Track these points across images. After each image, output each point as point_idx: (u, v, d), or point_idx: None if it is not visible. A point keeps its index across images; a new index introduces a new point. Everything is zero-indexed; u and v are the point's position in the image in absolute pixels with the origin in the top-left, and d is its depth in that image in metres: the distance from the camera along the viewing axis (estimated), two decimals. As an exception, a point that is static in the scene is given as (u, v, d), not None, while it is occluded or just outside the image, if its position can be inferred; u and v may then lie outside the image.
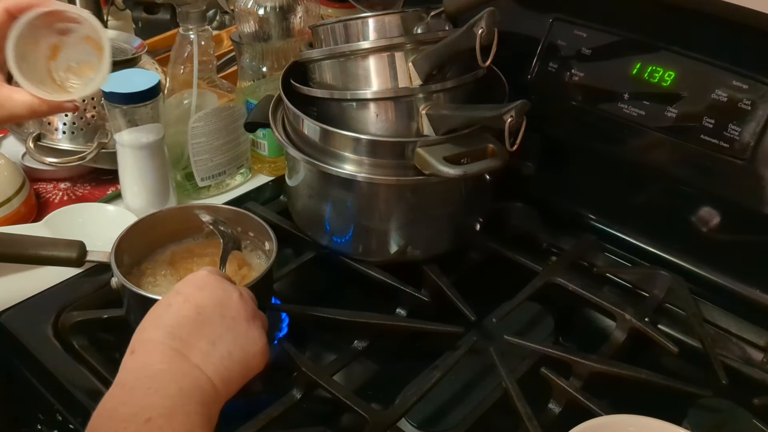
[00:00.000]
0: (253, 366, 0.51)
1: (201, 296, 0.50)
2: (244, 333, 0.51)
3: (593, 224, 0.83)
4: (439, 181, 0.67)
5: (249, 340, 0.51)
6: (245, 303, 0.52)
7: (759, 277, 0.72)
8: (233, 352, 0.49)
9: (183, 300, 0.50)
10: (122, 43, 0.97)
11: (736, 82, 0.69)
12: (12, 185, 0.83)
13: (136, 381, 0.45)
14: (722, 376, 0.66)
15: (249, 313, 0.52)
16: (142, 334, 0.49)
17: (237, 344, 0.50)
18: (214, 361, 0.48)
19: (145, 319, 0.50)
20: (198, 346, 0.48)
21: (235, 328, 0.50)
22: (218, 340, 0.49)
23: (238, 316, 0.51)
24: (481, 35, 0.61)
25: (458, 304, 0.71)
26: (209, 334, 0.49)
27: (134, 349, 0.48)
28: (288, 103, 0.73)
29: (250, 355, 0.50)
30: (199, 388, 0.46)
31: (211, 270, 0.54)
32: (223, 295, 0.51)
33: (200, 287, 0.51)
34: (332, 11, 1.10)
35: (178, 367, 0.46)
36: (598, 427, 0.52)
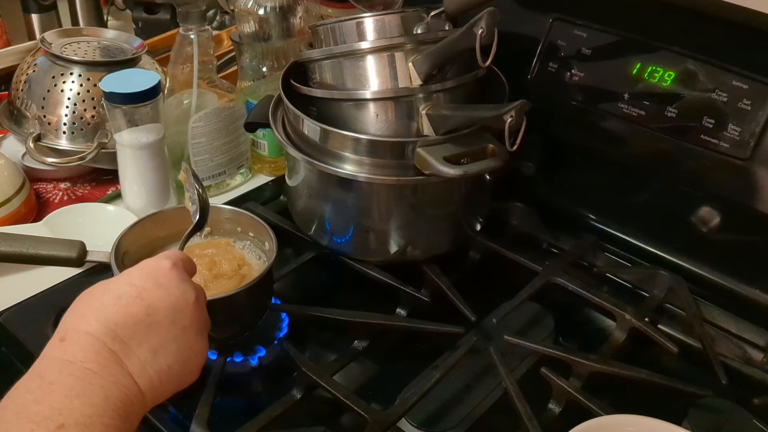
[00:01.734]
0: (186, 381, 0.48)
1: (156, 295, 0.45)
2: (189, 346, 0.47)
3: (593, 224, 0.83)
4: (439, 181, 0.67)
5: (192, 354, 0.47)
6: (200, 310, 0.48)
7: (759, 277, 0.72)
8: (173, 366, 0.45)
9: (135, 295, 0.45)
10: (122, 43, 0.97)
11: (736, 82, 0.69)
12: (12, 185, 0.83)
13: (58, 376, 0.40)
14: (722, 376, 0.66)
15: (201, 323, 0.48)
16: (78, 321, 0.43)
17: (179, 358, 0.46)
18: (150, 373, 0.44)
19: (82, 300, 0.45)
20: (138, 352, 0.44)
21: (183, 338, 0.46)
22: (161, 350, 0.45)
23: (190, 326, 0.47)
24: (481, 35, 0.61)
25: (458, 304, 0.71)
26: (154, 341, 0.44)
27: (65, 336, 0.43)
28: (288, 103, 0.73)
29: (187, 371, 0.47)
30: (125, 400, 0.42)
31: (176, 262, 0.49)
32: (180, 299, 0.46)
33: (158, 284, 0.46)
34: (332, 11, 1.10)
35: (109, 372, 0.42)
36: (598, 427, 0.52)
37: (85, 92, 0.89)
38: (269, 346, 0.68)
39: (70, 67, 0.89)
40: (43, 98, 0.89)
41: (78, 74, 0.89)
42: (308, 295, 0.78)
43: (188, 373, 0.48)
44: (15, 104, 0.92)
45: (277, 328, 0.70)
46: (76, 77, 0.89)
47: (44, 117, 0.89)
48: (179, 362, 0.46)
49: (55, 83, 0.89)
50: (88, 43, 0.94)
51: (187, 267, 0.51)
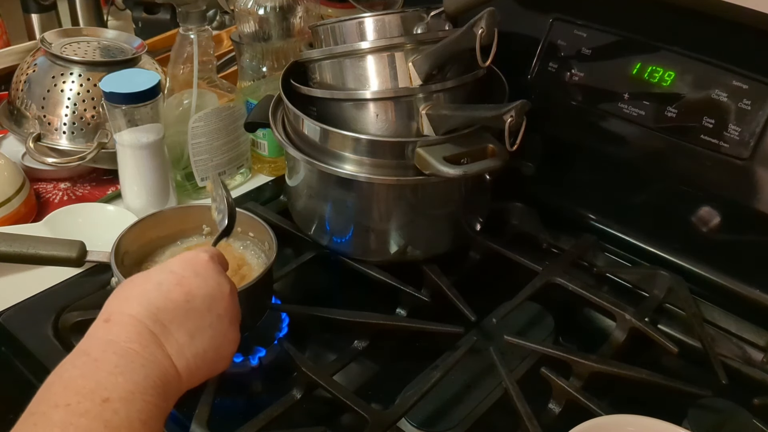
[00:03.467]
0: (219, 367, 0.50)
1: (195, 283, 0.48)
2: (223, 333, 0.49)
3: (593, 224, 0.83)
4: (439, 181, 0.67)
5: (226, 341, 0.50)
6: (233, 301, 0.51)
7: (759, 277, 0.72)
8: (208, 351, 0.48)
9: (176, 282, 0.48)
10: (122, 43, 0.97)
11: (736, 82, 0.69)
12: (12, 185, 0.83)
13: (102, 354, 0.43)
14: (722, 376, 0.66)
15: (233, 313, 0.51)
16: (122, 305, 0.46)
17: (214, 344, 0.48)
18: (187, 356, 0.46)
19: (127, 287, 0.48)
20: (177, 336, 0.46)
21: (218, 325, 0.49)
22: (198, 335, 0.47)
23: (224, 314, 0.50)
24: (481, 35, 0.61)
25: (458, 304, 0.71)
26: (191, 326, 0.47)
27: (109, 318, 0.45)
28: (288, 103, 0.73)
29: (221, 356, 0.50)
30: (164, 379, 0.44)
31: (213, 255, 0.52)
32: (216, 289, 0.49)
33: (197, 273, 0.49)
34: (332, 11, 1.10)
35: (150, 352, 0.44)
36: (598, 427, 0.52)
37: (85, 92, 0.89)
38: (269, 346, 0.68)
39: (70, 67, 0.89)
40: (43, 98, 0.89)
41: (78, 74, 0.89)
42: (308, 295, 0.78)
43: (221, 359, 0.50)
44: (15, 104, 0.92)
45: (277, 328, 0.70)
46: (76, 77, 0.89)
47: (44, 117, 0.89)
48: (213, 348, 0.48)
49: (55, 83, 0.89)
50: (88, 43, 0.94)
51: (222, 262, 0.53)
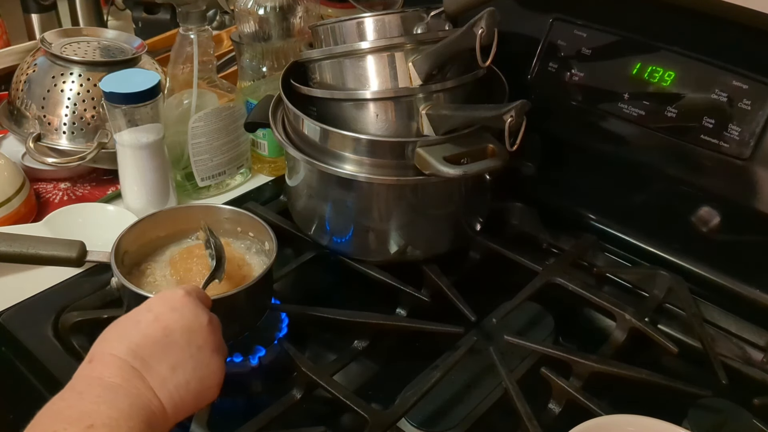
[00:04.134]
0: (206, 398, 0.51)
1: (172, 318, 0.49)
2: (206, 364, 0.50)
3: (593, 224, 0.83)
4: (439, 181, 0.67)
5: (209, 371, 0.50)
6: (213, 332, 0.52)
7: (759, 277, 0.72)
8: (191, 382, 0.49)
9: (153, 319, 0.49)
10: (122, 43, 0.97)
11: (736, 82, 0.69)
12: (12, 185, 0.83)
13: (87, 387, 0.45)
14: (722, 376, 0.66)
15: (215, 343, 0.51)
16: (103, 345, 0.48)
17: (196, 375, 0.49)
18: (170, 388, 0.47)
19: (109, 329, 0.50)
20: (158, 369, 0.47)
21: (198, 356, 0.50)
22: (179, 367, 0.48)
23: (204, 345, 0.50)
24: (481, 35, 0.61)
25: (458, 304, 0.71)
26: (172, 359, 0.48)
27: (93, 358, 0.47)
28: (288, 103, 0.73)
29: (206, 387, 0.50)
30: (148, 410, 0.45)
31: (189, 290, 0.53)
32: (194, 321, 0.50)
33: (173, 308, 0.50)
34: (332, 11, 1.10)
35: (133, 385, 0.46)
36: (598, 427, 0.52)
37: (85, 92, 0.89)
38: (269, 346, 0.68)
39: (70, 67, 0.89)
40: (43, 98, 0.89)
41: (78, 74, 0.89)
42: (308, 295, 0.78)
43: (206, 389, 0.50)
44: (15, 104, 0.92)
45: (277, 328, 0.70)
46: (76, 77, 0.89)
47: (44, 117, 0.89)
48: (196, 378, 0.49)
49: (55, 83, 0.89)
50: (88, 43, 0.94)
51: (200, 296, 0.54)
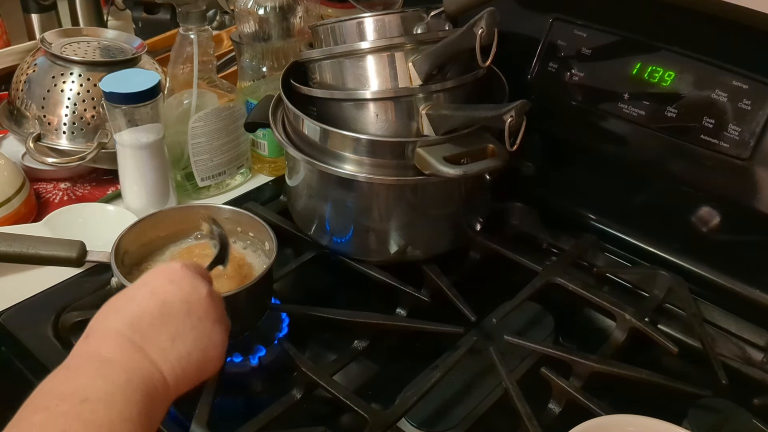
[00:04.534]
0: (208, 369, 0.49)
1: (169, 290, 0.48)
2: (207, 335, 0.49)
3: (593, 224, 0.83)
4: (439, 181, 0.67)
5: (210, 342, 0.49)
6: (214, 303, 0.50)
7: (759, 277, 0.72)
8: (192, 353, 0.47)
9: (150, 292, 0.48)
10: (122, 43, 0.97)
11: (736, 82, 0.69)
12: (12, 185, 0.83)
13: (83, 363, 0.44)
14: (722, 376, 0.66)
15: (216, 314, 0.50)
16: (100, 322, 0.47)
17: (198, 345, 0.48)
18: (171, 359, 0.46)
19: (105, 306, 0.48)
20: (157, 341, 0.46)
21: (200, 327, 0.48)
22: (179, 338, 0.47)
23: (205, 316, 0.49)
24: (481, 35, 0.61)
25: (458, 304, 0.71)
26: (171, 330, 0.47)
27: (89, 335, 0.46)
28: (288, 103, 0.73)
29: (208, 358, 0.49)
30: (149, 381, 0.44)
31: (187, 263, 0.51)
32: (192, 292, 0.49)
33: (171, 280, 0.49)
34: (332, 11, 1.10)
35: (131, 358, 0.44)
36: (598, 427, 0.52)
37: (85, 92, 0.89)
38: (269, 346, 0.68)
39: (70, 67, 0.89)
40: (43, 98, 0.89)
41: (78, 74, 0.89)
42: (308, 295, 0.78)
43: (208, 361, 0.49)
44: (15, 104, 0.92)
45: (277, 328, 0.70)
46: (76, 77, 0.89)
47: (44, 117, 0.89)
48: (198, 349, 0.48)
49: (55, 83, 0.89)
50: (88, 43, 0.94)
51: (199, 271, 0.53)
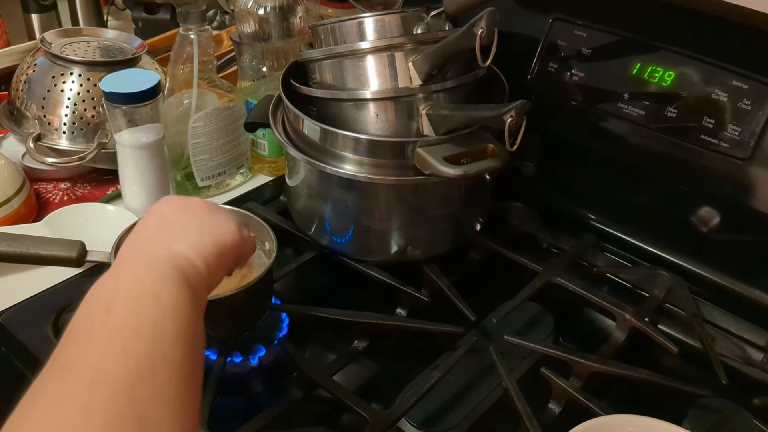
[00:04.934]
0: (227, 242, 0.49)
1: (161, 208, 0.50)
2: (207, 220, 0.50)
3: (593, 224, 0.83)
4: (439, 181, 0.67)
5: (214, 222, 0.50)
6: (207, 203, 0.52)
7: (759, 277, 0.72)
8: (202, 232, 0.48)
9: (159, 216, 0.50)
10: (122, 43, 0.97)
11: (736, 82, 0.69)
12: (12, 185, 0.83)
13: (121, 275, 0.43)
14: (722, 376, 0.66)
15: (211, 207, 0.52)
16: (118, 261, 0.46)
17: (204, 228, 0.49)
18: (184, 242, 0.47)
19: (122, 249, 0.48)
20: (165, 241, 0.47)
21: (198, 216, 0.50)
22: (185, 230, 0.48)
23: (199, 210, 0.51)
24: (481, 35, 0.61)
25: (458, 304, 0.71)
26: (174, 229, 0.48)
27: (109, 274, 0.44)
28: (288, 103, 0.73)
29: (219, 232, 0.49)
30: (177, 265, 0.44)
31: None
32: (183, 201, 0.51)
33: (160, 203, 0.51)
34: (332, 11, 1.10)
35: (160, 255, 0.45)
36: (598, 427, 0.52)
37: (85, 92, 0.89)
38: (269, 346, 0.68)
39: (70, 67, 0.89)
40: (43, 98, 0.89)
41: (78, 74, 0.89)
42: (308, 295, 0.78)
43: (221, 234, 0.49)
44: (15, 104, 0.92)
45: (277, 328, 0.70)
46: (76, 77, 0.89)
47: (44, 117, 0.89)
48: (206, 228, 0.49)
49: (55, 83, 0.89)
50: (88, 43, 0.94)
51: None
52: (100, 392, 0.34)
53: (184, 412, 0.36)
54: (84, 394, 0.34)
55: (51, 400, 0.34)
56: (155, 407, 0.35)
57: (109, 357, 0.36)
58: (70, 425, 0.32)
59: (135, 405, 0.34)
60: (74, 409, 0.33)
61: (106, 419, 0.33)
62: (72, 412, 0.33)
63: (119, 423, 0.33)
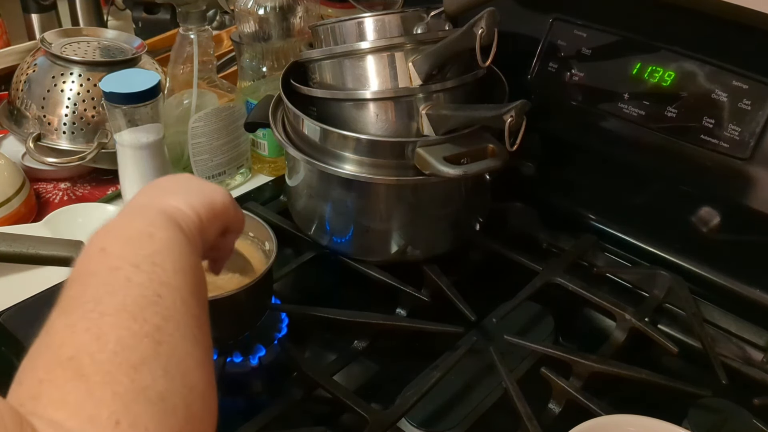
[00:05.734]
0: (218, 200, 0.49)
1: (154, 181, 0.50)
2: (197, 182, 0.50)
3: (593, 224, 0.83)
4: (439, 181, 0.67)
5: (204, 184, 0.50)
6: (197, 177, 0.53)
7: (759, 277, 0.72)
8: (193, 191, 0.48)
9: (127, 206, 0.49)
10: (122, 43, 0.97)
11: (736, 82, 0.69)
12: (12, 185, 0.83)
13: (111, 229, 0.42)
14: (722, 376, 0.66)
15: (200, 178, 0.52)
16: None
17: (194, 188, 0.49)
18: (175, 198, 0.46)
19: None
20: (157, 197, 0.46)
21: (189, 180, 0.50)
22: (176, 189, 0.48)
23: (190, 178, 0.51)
24: (481, 35, 0.61)
25: (458, 304, 0.71)
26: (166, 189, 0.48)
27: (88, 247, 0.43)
28: (288, 103, 0.73)
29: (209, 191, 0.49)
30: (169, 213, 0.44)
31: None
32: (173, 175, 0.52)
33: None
34: (332, 11, 1.10)
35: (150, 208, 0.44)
36: (598, 427, 0.52)
37: (85, 92, 0.89)
38: (269, 346, 0.68)
39: (70, 67, 0.89)
40: (43, 98, 0.89)
41: (78, 74, 0.89)
42: (308, 295, 0.78)
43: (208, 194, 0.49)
44: (15, 104, 0.92)
45: (277, 328, 0.70)
46: (76, 77, 0.89)
47: (44, 117, 0.89)
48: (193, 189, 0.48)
49: (55, 83, 0.89)
50: (88, 43, 0.94)
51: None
52: (109, 318, 0.34)
53: (194, 339, 0.36)
54: (94, 322, 0.33)
55: (61, 333, 0.33)
56: (167, 328, 0.34)
57: (112, 288, 0.36)
58: (86, 350, 0.32)
59: (147, 326, 0.34)
60: (86, 336, 0.33)
61: (120, 340, 0.32)
62: (85, 339, 0.32)
63: (132, 341, 0.33)
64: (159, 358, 0.33)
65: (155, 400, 0.31)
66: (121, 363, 0.31)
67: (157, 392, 0.31)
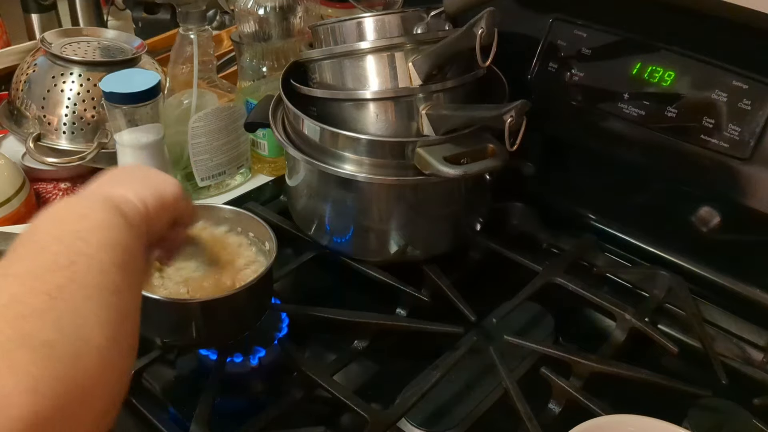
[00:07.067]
0: (167, 192, 0.50)
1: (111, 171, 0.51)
2: (150, 174, 0.52)
3: (593, 224, 0.83)
4: (439, 181, 0.67)
5: (156, 175, 0.51)
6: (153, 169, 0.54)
7: (759, 277, 0.72)
8: (143, 183, 0.49)
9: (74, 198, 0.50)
10: (122, 43, 0.96)
11: (736, 82, 0.69)
12: (12, 185, 0.83)
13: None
14: (722, 376, 0.66)
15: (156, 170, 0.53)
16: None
17: (145, 180, 0.50)
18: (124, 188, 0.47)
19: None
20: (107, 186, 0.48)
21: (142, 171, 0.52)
22: (127, 180, 0.49)
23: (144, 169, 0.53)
24: (481, 35, 0.61)
25: (458, 304, 0.71)
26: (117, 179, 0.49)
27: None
28: (288, 103, 0.73)
29: (159, 182, 0.50)
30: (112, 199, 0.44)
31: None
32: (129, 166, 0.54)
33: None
34: (332, 11, 1.10)
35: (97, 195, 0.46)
36: (598, 427, 0.52)
37: (85, 92, 0.89)
38: (269, 346, 0.68)
39: (70, 67, 0.89)
40: (43, 98, 0.89)
41: (78, 74, 0.89)
42: (308, 295, 0.78)
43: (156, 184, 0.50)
44: (15, 104, 0.92)
45: (277, 328, 0.70)
46: (76, 77, 0.89)
47: (44, 117, 0.89)
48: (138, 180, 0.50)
49: (55, 83, 0.89)
50: (88, 43, 0.94)
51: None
52: (12, 278, 0.36)
53: (103, 303, 0.37)
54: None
55: None
56: (69, 288, 0.36)
57: (26, 255, 0.38)
58: None
59: (47, 285, 0.35)
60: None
61: (13, 295, 0.34)
62: None
63: (27, 297, 0.34)
64: (51, 312, 0.34)
65: (37, 347, 0.32)
66: (7, 315, 0.33)
67: (41, 340, 0.33)
